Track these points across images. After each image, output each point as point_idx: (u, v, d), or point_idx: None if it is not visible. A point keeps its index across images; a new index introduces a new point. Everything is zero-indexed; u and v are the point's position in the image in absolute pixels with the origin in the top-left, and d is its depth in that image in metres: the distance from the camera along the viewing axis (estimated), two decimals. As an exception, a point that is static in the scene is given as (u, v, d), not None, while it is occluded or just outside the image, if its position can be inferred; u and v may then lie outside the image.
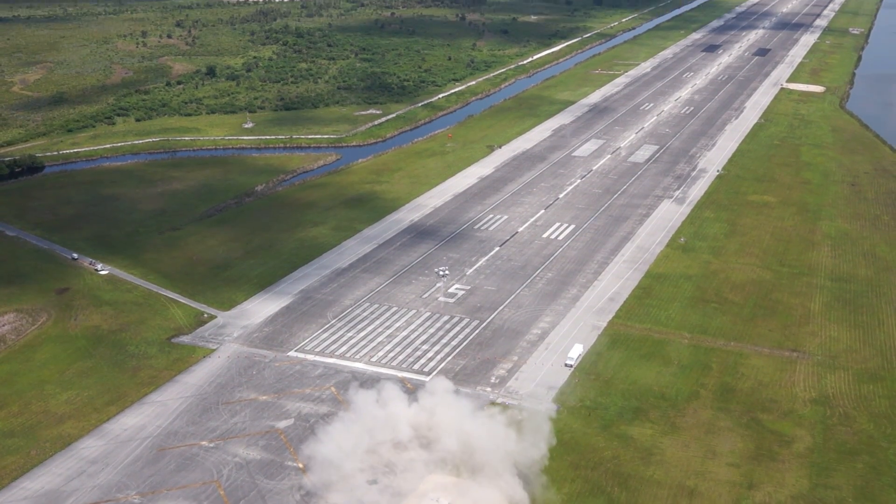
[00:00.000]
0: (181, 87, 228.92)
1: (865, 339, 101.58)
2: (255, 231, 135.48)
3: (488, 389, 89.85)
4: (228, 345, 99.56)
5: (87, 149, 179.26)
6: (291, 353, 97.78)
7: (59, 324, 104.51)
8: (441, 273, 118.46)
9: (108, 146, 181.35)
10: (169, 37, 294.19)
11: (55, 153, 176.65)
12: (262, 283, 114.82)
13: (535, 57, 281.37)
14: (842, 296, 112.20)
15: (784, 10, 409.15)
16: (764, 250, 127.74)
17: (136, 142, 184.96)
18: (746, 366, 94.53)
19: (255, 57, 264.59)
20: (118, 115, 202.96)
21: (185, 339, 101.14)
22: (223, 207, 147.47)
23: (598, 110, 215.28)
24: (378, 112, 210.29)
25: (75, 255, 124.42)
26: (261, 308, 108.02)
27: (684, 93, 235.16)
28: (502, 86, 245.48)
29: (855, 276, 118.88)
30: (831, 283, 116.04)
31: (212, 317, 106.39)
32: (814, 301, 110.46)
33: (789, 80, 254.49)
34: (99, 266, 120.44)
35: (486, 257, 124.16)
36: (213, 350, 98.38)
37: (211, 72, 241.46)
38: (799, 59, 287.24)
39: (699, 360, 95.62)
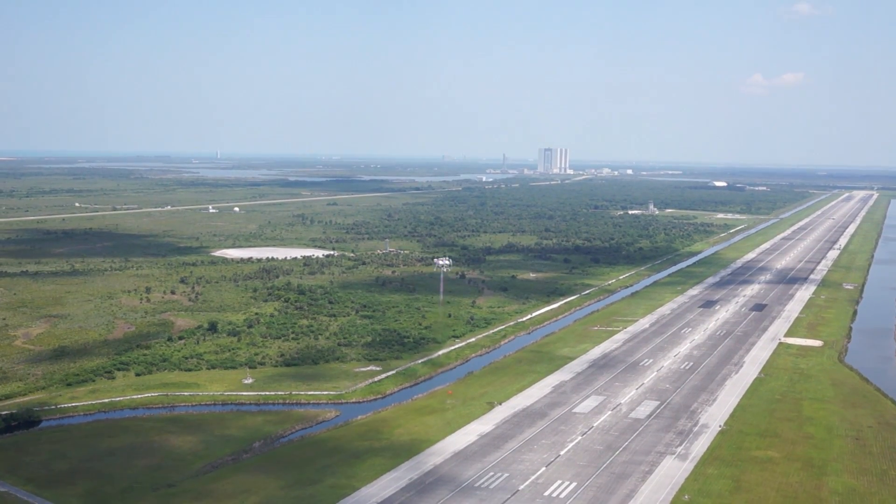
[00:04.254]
0: (182, 342, 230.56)
1: None
2: (252, 489, 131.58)
3: None
4: None
5: (85, 403, 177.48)
6: None
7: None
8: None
9: (106, 400, 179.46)
10: (172, 293, 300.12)
11: (53, 407, 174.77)
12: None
13: (534, 314, 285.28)
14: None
15: (779, 265, 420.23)
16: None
17: (135, 396, 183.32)
18: None
19: (256, 313, 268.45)
20: (118, 369, 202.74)
21: None
22: (220, 464, 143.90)
23: (598, 366, 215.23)
24: (378, 369, 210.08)
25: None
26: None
27: (683, 348, 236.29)
28: (502, 342, 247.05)
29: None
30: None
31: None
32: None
33: (787, 335, 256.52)
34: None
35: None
36: None
37: (213, 327, 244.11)
38: (796, 314, 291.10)
39: None
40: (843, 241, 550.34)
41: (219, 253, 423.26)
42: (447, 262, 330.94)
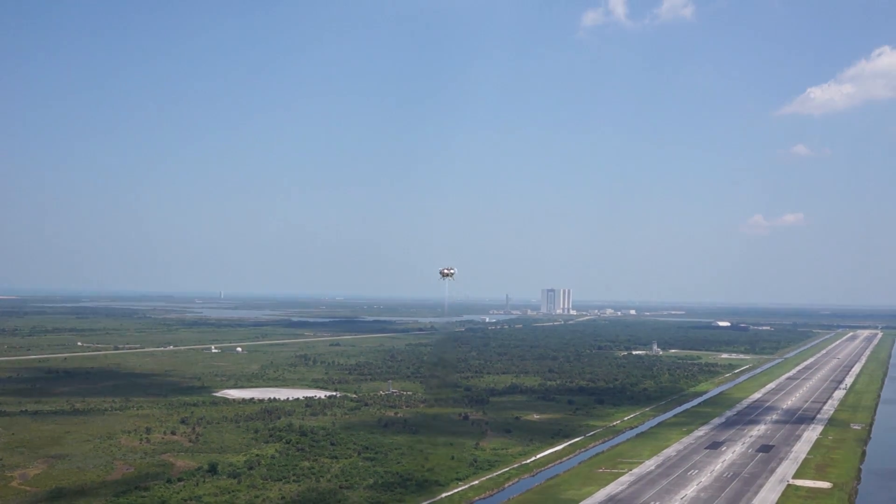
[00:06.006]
0: (182, 483, 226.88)
1: None
2: None
3: None
4: None
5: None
6: None
7: None
8: None
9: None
10: (173, 433, 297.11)
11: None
12: None
13: (539, 455, 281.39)
14: None
15: (785, 405, 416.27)
16: None
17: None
18: None
19: (257, 455, 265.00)
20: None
21: None
22: None
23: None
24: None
25: None
26: None
27: (690, 491, 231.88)
28: (506, 485, 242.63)
29: None
30: None
31: None
32: None
33: (795, 477, 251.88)
34: None
35: None
36: None
37: (213, 469, 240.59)
38: (803, 455, 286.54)
39: None
40: (848, 381, 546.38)
41: (220, 393, 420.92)
42: (453, 271, 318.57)
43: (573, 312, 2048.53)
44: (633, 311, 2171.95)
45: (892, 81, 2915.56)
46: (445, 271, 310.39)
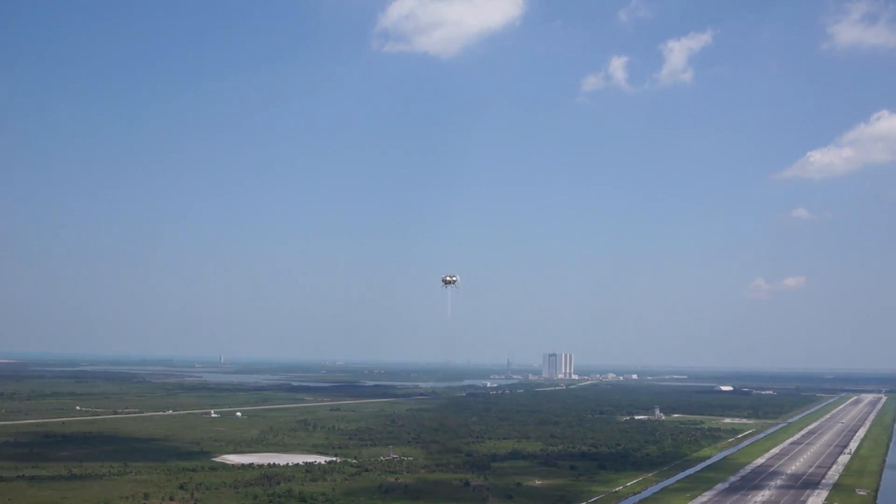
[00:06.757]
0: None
1: None
2: None
3: None
4: None
5: None
6: None
7: None
8: None
9: None
10: (171, 499, 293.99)
11: None
12: None
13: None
14: None
15: (789, 470, 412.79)
16: None
17: None
18: None
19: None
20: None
21: None
22: None
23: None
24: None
25: None
26: None
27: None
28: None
29: None
30: None
31: None
32: None
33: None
34: None
35: None
36: None
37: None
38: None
39: None
40: (853, 446, 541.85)
41: (220, 458, 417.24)
42: (455, 278, 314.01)
43: (575, 377, 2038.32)
44: (635, 376, 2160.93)
45: (891, 145, 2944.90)
46: (448, 279, 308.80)
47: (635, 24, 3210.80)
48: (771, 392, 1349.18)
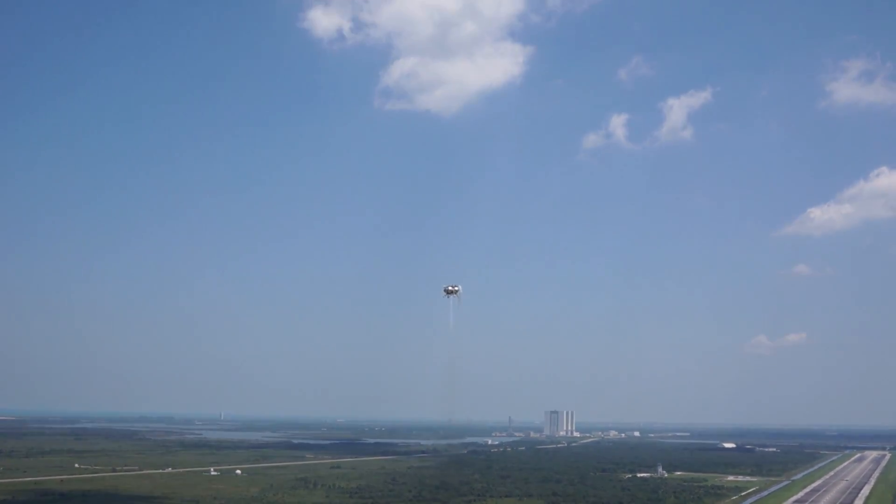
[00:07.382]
0: None
1: None
2: None
3: None
4: None
5: None
6: None
7: None
8: None
9: None
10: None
11: None
12: None
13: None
14: None
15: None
16: None
17: None
18: None
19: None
20: None
21: None
22: None
23: None
24: None
25: None
26: None
27: None
28: None
29: None
30: None
31: None
32: None
33: None
34: None
35: None
36: None
37: None
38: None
39: None
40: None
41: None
42: (457, 288, 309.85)
43: (577, 434, 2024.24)
44: (637, 433, 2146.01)
45: (891, 201, 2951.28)
46: (450, 288, 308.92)
47: (635, 82, 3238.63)
48: (774, 449, 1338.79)
